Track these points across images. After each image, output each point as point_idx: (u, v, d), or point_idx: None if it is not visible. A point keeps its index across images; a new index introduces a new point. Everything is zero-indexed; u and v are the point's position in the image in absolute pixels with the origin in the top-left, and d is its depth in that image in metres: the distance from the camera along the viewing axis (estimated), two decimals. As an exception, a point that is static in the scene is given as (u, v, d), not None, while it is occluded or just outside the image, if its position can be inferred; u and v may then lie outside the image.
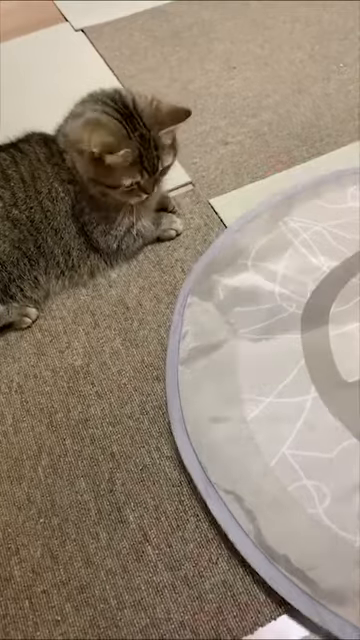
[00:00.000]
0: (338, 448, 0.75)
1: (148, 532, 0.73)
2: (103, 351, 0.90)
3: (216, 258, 0.97)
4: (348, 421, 0.77)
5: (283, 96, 1.27)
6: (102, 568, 0.71)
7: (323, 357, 0.83)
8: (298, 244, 0.96)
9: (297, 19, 1.46)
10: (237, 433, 0.78)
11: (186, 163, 1.15)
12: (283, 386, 0.81)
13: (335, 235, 0.98)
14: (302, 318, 0.88)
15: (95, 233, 0.94)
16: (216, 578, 0.69)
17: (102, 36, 1.48)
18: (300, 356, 0.84)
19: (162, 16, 1.53)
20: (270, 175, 1.11)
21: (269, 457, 0.75)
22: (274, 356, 0.85)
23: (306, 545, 0.68)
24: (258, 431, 0.77)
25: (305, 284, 0.92)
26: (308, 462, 0.74)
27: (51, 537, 0.74)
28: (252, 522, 0.70)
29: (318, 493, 0.71)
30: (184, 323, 0.90)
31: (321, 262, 0.94)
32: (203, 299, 0.92)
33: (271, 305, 0.90)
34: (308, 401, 0.79)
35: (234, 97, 1.28)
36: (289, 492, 0.72)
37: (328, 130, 1.18)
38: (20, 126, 0.96)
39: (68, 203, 0.91)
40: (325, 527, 0.69)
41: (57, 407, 0.85)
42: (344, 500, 0.70)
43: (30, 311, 0.94)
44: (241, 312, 0.90)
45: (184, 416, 0.80)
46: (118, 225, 0.94)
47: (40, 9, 1.63)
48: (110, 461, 0.79)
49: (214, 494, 0.73)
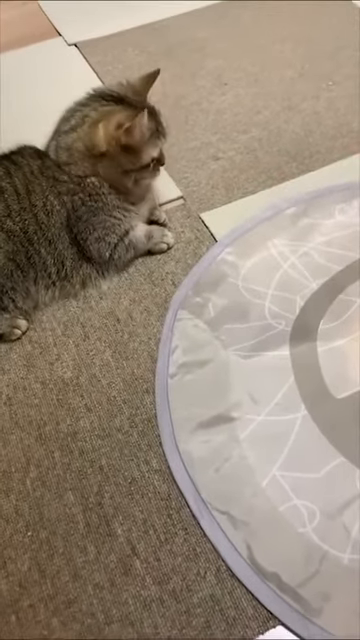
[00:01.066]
0: (327, 467, 0.75)
1: (136, 545, 0.73)
2: (93, 363, 0.91)
3: (206, 275, 0.98)
4: (337, 440, 0.78)
5: (273, 113, 1.29)
6: (90, 582, 0.70)
7: (312, 374, 0.84)
8: (287, 267, 0.97)
9: (287, 38, 1.49)
10: (230, 452, 0.78)
11: (177, 178, 1.16)
12: (274, 404, 0.82)
13: (323, 253, 0.99)
14: (291, 335, 0.89)
15: (89, 240, 0.94)
16: (204, 592, 0.68)
17: (95, 51, 1.50)
18: (290, 373, 0.84)
19: (155, 32, 1.55)
20: (260, 190, 1.13)
21: (261, 477, 0.75)
22: (264, 373, 0.85)
23: (297, 563, 0.68)
24: (250, 450, 0.78)
25: (294, 301, 0.93)
26: (298, 483, 0.74)
27: (39, 550, 0.73)
28: (244, 541, 0.70)
29: (308, 512, 0.72)
30: (174, 337, 0.90)
31: (310, 281, 0.95)
32: (193, 314, 0.93)
33: (261, 323, 0.91)
34: (298, 419, 0.80)
35: (225, 113, 1.30)
36: (280, 512, 0.72)
37: (317, 147, 1.20)
38: (12, 139, 0.97)
39: (63, 215, 0.92)
40: (315, 546, 0.69)
41: (46, 419, 0.85)
42: (333, 519, 0.71)
43: (20, 322, 0.94)
44: (231, 329, 0.91)
45: (174, 433, 0.80)
46: (113, 232, 0.95)
47: (33, 23, 1.64)
48: (99, 474, 0.79)
49: (207, 514, 0.73)
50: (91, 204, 0.92)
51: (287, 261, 0.98)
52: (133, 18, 1.59)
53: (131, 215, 0.97)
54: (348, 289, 0.93)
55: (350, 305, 0.91)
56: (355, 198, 1.07)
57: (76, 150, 0.90)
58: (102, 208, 0.93)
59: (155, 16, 1.60)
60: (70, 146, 0.91)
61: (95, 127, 0.89)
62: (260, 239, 1.02)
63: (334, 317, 0.90)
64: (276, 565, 0.68)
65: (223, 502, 0.74)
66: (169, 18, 1.59)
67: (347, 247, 0.99)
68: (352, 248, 0.99)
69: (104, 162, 0.90)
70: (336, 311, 0.90)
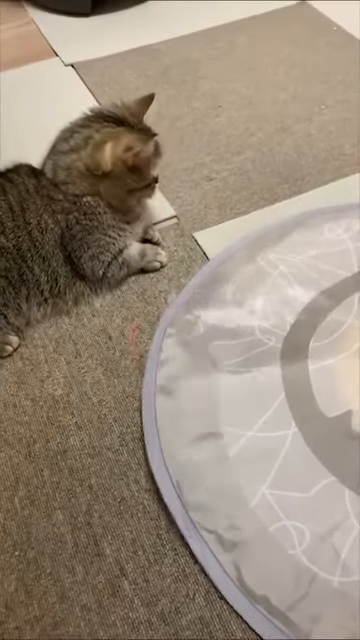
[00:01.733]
0: (317, 487, 0.75)
1: (125, 566, 0.72)
2: (84, 381, 0.90)
3: (197, 292, 0.99)
4: (327, 459, 0.77)
5: (267, 135, 1.31)
6: (77, 603, 0.69)
7: (303, 392, 0.84)
8: (276, 276, 0.98)
9: (281, 61, 1.52)
10: (218, 470, 0.77)
11: (171, 197, 1.17)
12: (263, 421, 0.81)
13: (312, 266, 1.00)
14: (282, 352, 0.89)
15: (83, 258, 0.95)
16: (193, 614, 0.68)
17: (92, 72, 1.52)
18: (280, 390, 0.85)
19: (152, 54, 1.58)
20: (252, 211, 1.14)
21: (250, 497, 0.75)
22: (254, 389, 0.85)
23: (286, 586, 0.67)
24: (239, 469, 0.77)
25: (284, 318, 0.93)
26: (287, 502, 0.74)
27: (26, 571, 0.72)
28: (233, 563, 0.70)
29: (298, 533, 0.71)
30: (162, 354, 0.90)
31: (299, 294, 0.96)
32: (183, 331, 0.93)
33: (251, 338, 0.91)
34: (289, 436, 0.80)
35: (219, 135, 1.32)
36: (270, 533, 0.72)
37: (309, 169, 1.22)
38: (8, 157, 0.98)
39: (57, 233, 0.93)
40: (305, 568, 0.69)
41: (36, 437, 0.85)
42: (323, 540, 0.71)
43: (12, 339, 0.94)
44: (221, 345, 0.91)
45: (163, 450, 0.80)
46: (107, 250, 0.96)
47: (31, 43, 1.67)
48: (88, 493, 0.78)
49: (196, 534, 0.72)
50: (86, 223, 0.93)
51: (276, 269, 0.99)
52: (129, 40, 1.62)
53: (126, 234, 0.98)
54: (338, 307, 0.93)
55: (340, 324, 0.91)
56: (343, 219, 1.08)
57: (76, 169, 0.91)
58: (97, 227, 0.94)
59: (151, 39, 1.62)
60: (69, 166, 0.91)
61: (100, 148, 0.89)
62: (250, 257, 1.03)
63: (324, 335, 0.90)
64: (265, 588, 0.68)
65: (212, 522, 0.73)
66: (165, 41, 1.62)
67: (336, 264, 1.00)
68: (341, 266, 1.00)
69: (106, 182, 0.91)
70: (326, 329, 0.91)
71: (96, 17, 1.72)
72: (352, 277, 0.98)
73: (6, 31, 1.74)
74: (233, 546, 0.71)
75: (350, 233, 1.05)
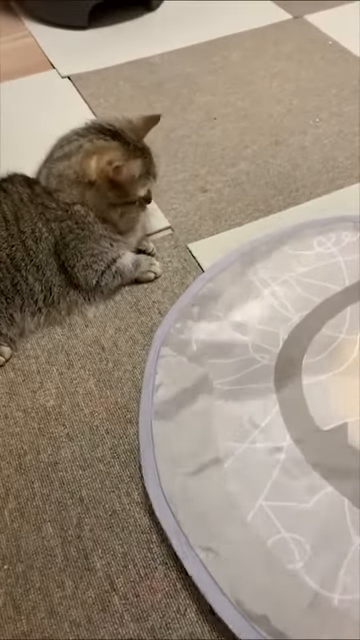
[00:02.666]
0: (315, 497, 0.74)
1: (115, 581, 0.71)
2: (76, 392, 0.90)
3: (188, 308, 0.98)
4: (324, 469, 0.77)
5: (261, 147, 1.31)
6: (66, 619, 0.68)
7: (297, 406, 0.83)
8: (268, 294, 0.98)
9: (276, 75, 1.53)
10: (213, 485, 0.76)
11: (166, 208, 1.17)
12: (257, 433, 0.81)
13: (303, 284, 0.99)
14: (275, 368, 0.88)
15: (77, 267, 0.94)
16: (184, 630, 0.67)
17: (88, 84, 1.53)
18: (274, 402, 0.84)
19: (147, 67, 1.59)
20: (247, 222, 1.14)
21: (246, 511, 0.73)
22: (248, 404, 0.84)
23: (286, 604, 0.66)
24: (234, 481, 0.76)
25: (277, 334, 0.93)
26: (285, 513, 0.72)
27: (14, 585, 0.71)
28: (230, 582, 0.67)
29: (297, 547, 0.70)
30: (157, 375, 0.89)
31: (291, 313, 0.95)
32: (176, 351, 0.92)
33: (245, 357, 0.90)
34: (284, 448, 0.79)
35: (214, 147, 1.32)
36: (268, 547, 0.70)
37: (304, 181, 1.22)
38: (4, 167, 0.98)
39: (51, 242, 0.92)
40: (304, 584, 0.67)
41: (27, 449, 0.84)
42: (322, 555, 0.69)
43: (4, 350, 0.94)
44: (215, 364, 0.90)
45: (158, 470, 0.78)
46: (101, 260, 0.96)
47: (27, 55, 1.68)
48: (79, 506, 0.77)
49: (190, 552, 0.70)
50: (78, 232, 0.92)
51: (268, 287, 0.99)
52: (125, 53, 1.63)
53: (119, 244, 0.97)
54: (329, 323, 0.93)
55: (333, 340, 0.91)
56: (334, 231, 1.08)
57: (66, 177, 0.91)
58: (89, 236, 0.93)
59: (147, 52, 1.63)
60: (61, 173, 0.92)
61: (89, 158, 0.90)
62: (241, 272, 1.02)
63: (317, 351, 0.90)
64: (264, 606, 0.65)
65: (207, 539, 0.71)
66: (161, 54, 1.63)
67: (326, 279, 1.00)
68: (331, 280, 0.99)
69: (92, 191, 0.91)
70: (319, 345, 0.90)
71: (93, 30, 1.74)
72: (343, 292, 0.98)
73: (3, 43, 1.75)
74: (229, 562, 0.69)
75: (340, 246, 1.05)
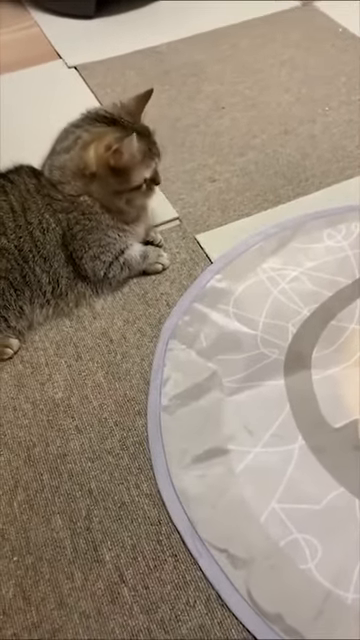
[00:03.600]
0: (327, 498, 0.74)
1: (124, 572, 0.71)
2: (85, 384, 0.89)
3: (196, 303, 0.97)
4: (336, 470, 0.76)
5: (270, 136, 1.30)
6: (76, 610, 0.68)
7: (308, 403, 0.83)
8: (277, 293, 0.97)
9: (284, 63, 1.51)
10: (226, 487, 0.76)
11: (173, 199, 1.16)
12: (270, 435, 0.80)
13: (313, 278, 0.98)
14: (285, 363, 0.87)
15: (85, 259, 0.94)
16: (193, 622, 0.66)
17: (94, 73, 1.52)
18: (285, 402, 0.83)
19: (154, 56, 1.57)
20: (256, 213, 1.13)
21: (259, 512, 0.73)
22: (259, 404, 0.84)
23: (300, 603, 0.66)
24: (247, 485, 0.76)
25: (286, 329, 0.92)
26: (298, 514, 0.72)
27: (24, 577, 0.71)
28: (245, 582, 0.68)
29: (310, 547, 0.70)
30: (166, 368, 0.89)
31: (300, 307, 0.94)
32: (185, 345, 0.92)
33: (254, 352, 0.90)
34: (295, 450, 0.78)
35: (222, 136, 1.31)
36: (281, 548, 0.70)
37: (313, 170, 1.21)
38: (11, 158, 0.97)
39: (59, 233, 0.92)
40: (317, 583, 0.67)
41: (35, 441, 0.84)
42: (335, 555, 0.69)
43: (12, 342, 0.94)
44: (224, 360, 0.89)
45: (169, 468, 0.78)
46: (108, 251, 0.95)
47: (34, 46, 1.66)
48: (88, 498, 0.77)
49: (206, 553, 0.71)
50: (85, 222, 0.92)
51: (277, 287, 0.98)
52: (132, 42, 1.61)
53: (126, 235, 0.97)
54: (339, 315, 0.92)
55: (343, 332, 0.90)
56: (343, 223, 1.07)
57: (69, 170, 0.91)
58: (96, 227, 0.93)
59: (154, 41, 1.62)
60: (63, 165, 0.91)
61: (87, 148, 0.89)
62: (250, 265, 1.02)
63: (327, 344, 0.89)
64: (279, 605, 0.66)
65: (221, 540, 0.71)
66: (167, 43, 1.61)
67: (336, 272, 0.99)
68: (341, 274, 0.98)
69: (95, 182, 0.90)
70: (329, 338, 0.90)
71: (99, 20, 1.72)
72: (353, 284, 0.97)
73: (10, 34, 1.74)
74: (244, 564, 0.69)
75: (350, 239, 1.04)
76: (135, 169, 0.90)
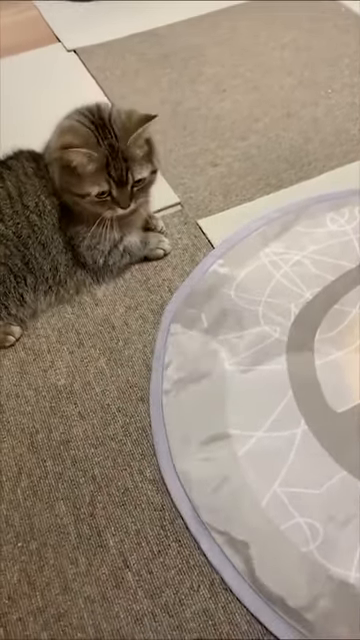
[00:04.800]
0: (329, 482, 0.74)
1: (128, 558, 0.71)
2: (87, 371, 0.89)
3: (199, 287, 0.97)
4: (338, 454, 0.76)
5: (272, 120, 1.28)
6: (80, 595, 0.69)
7: (311, 388, 0.82)
8: (280, 277, 0.96)
9: (286, 45, 1.49)
10: (228, 471, 0.76)
11: (175, 184, 1.15)
12: (272, 420, 0.80)
13: (316, 262, 0.98)
14: (287, 345, 0.87)
15: (81, 247, 0.93)
16: (197, 606, 0.67)
17: (94, 57, 1.50)
18: (287, 387, 0.83)
19: (154, 39, 1.55)
20: (258, 197, 1.12)
21: (260, 496, 0.73)
22: (261, 388, 0.84)
23: (301, 585, 0.66)
24: (249, 468, 0.76)
25: (288, 308, 0.92)
26: (300, 498, 0.73)
27: (29, 562, 0.72)
28: (247, 564, 0.68)
29: (311, 530, 0.70)
30: (167, 352, 0.89)
31: (303, 290, 0.94)
32: (187, 327, 0.91)
33: (255, 330, 0.89)
34: (298, 434, 0.78)
35: (224, 120, 1.29)
36: (282, 531, 0.70)
37: (316, 154, 1.19)
38: (11, 143, 0.96)
39: (55, 216, 0.91)
40: (319, 565, 0.67)
41: (39, 427, 0.84)
42: (337, 536, 0.69)
43: (14, 329, 0.93)
44: (226, 339, 0.89)
45: (171, 452, 0.78)
46: (104, 240, 0.94)
47: (33, 29, 1.65)
48: (91, 484, 0.77)
49: (207, 535, 0.71)
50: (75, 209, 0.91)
51: (280, 270, 0.97)
52: (131, 25, 1.60)
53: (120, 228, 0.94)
54: (342, 299, 0.92)
55: (345, 315, 0.90)
56: (346, 206, 1.06)
57: (49, 152, 0.90)
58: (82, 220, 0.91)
59: (153, 23, 1.60)
60: (48, 146, 0.91)
61: (59, 133, 0.87)
62: (252, 249, 1.01)
63: (330, 327, 0.89)
64: (280, 587, 0.66)
65: (223, 523, 0.72)
66: (167, 25, 1.59)
67: (339, 256, 0.98)
68: (344, 257, 0.98)
69: (53, 167, 0.88)
70: (332, 322, 0.89)
71: (98, 2, 1.70)
72: (356, 268, 0.96)
73: (8, 17, 1.72)
74: (245, 546, 0.69)
75: (353, 223, 1.03)
76: (82, 179, 0.86)
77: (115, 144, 0.85)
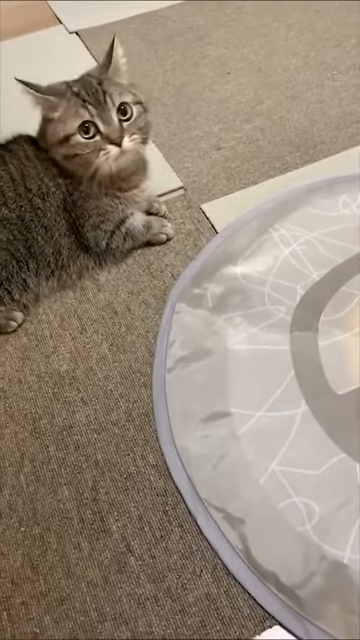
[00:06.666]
0: (327, 464, 0.73)
1: (131, 542, 0.71)
2: (90, 356, 0.89)
3: (205, 265, 0.96)
4: (338, 436, 0.76)
5: (277, 102, 1.26)
6: (83, 579, 0.69)
7: (313, 369, 0.82)
8: (288, 254, 0.95)
9: (291, 26, 1.46)
10: (228, 448, 0.76)
11: (178, 167, 1.14)
12: (273, 400, 0.80)
13: (325, 243, 0.97)
14: (292, 325, 0.87)
15: (86, 227, 0.92)
16: (200, 591, 0.67)
17: (96, 39, 1.47)
18: (290, 367, 0.82)
19: (156, 20, 1.53)
20: (262, 181, 1.10)
21: (258, 474, 0.73)
22: (264, 367, 0.83)
23: (295, 563, 0.66)
24: (248, 447, 0.76)
25: (294, 289, 0.91)
26: (297, 478, 0.72)
27: (32, 547, 0.72)
28: (242, 540, 0.69)
29: (307, 510, 0.70)
30: (172, 330, 0.88)
31: (310, 271, 0.93)
32: (192, 306, 0.91)
33: (260, 309, 0.89)
34: (298, 415, 0.78)
35: (228, 102, 1.27)
36: (279, 510, 0.70)
37: (322, 137, 1.18)
38: (12, 126, 0.95)
39: (59, 197, 0.90)
40: (314, 544, 0.67)
41: (41, 413, 0.83)
42: (333, 517, 0.69)
43: (16, 315, 0.93)
44: (230, 318, 0.89)
45: (172, 429, 0.79)
46: (108, 219, 0.93)
47: (34, 11, 1.62)
48: (94, 469, 0.77)
49: (204, 511, 0.72)
50: (80, 189, 0.90)
51: (289, 247, 0.96)
52: (134, 6, 1.57)
53: (123, 203, 0.94)
54: (350, 282, 0.91)
55: (352, 298, 0.89)
56: (358, 191, 1.04)
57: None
58: (89, 194, 0.90)
59: (156, 5, 1.57)
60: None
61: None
62: (261, 228, 1.00)
63: (336, 309, 0.88)
64: (274, 564, 0.67)
65: (220, 499, 0.72)
66: (171, 7, 1.57)
67: (349, 240, 0.97)
68: (354, 241, 0.97)
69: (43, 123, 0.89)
70: (338, 303, 0.88)
71: (100, -18, 1.67)
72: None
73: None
74: (241, 523, 0.70)
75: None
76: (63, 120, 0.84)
77: (90, 80, 0.85)
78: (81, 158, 0.85)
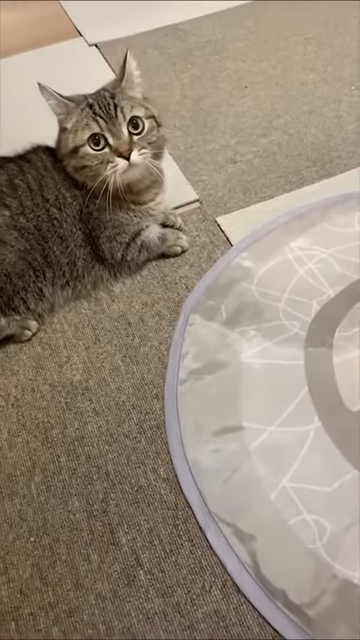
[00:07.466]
0: (340, 481, 0.73)
1: (141, 556, 0.71)
2: (103, 367, 0.89)
3: (220, 279, 0.96)
4: (350, 453, 0.75)
5: (294, 116, 1.27)
6: (92, 592, 0.69)
7: (327, 385, 0.81)
8: (304, 273, 0.95)
9: (309, 41, 1.47)
10: (238, 463, 0.76)
11: (194, 180, 1.15)
12: (286, 415, 0.79)
13: (341, 261, 0.96)
14: (306, 341, 0.86)
15: (102, 239, 0.93)
16: (209, 607, 0.66)
17: (115, 51, 1.49)
18: (303, 383, 0.82)
19: (175, 34, 1.54)
20: (278, 195, 1.11)
21: (270, 490, 0.73)
22: (277, 382, 0.83)
23: (305, 581, 0.66)
24: (259, 462, 0.75)
25: (309, 305, 0.91)
26: (309, 495, 0.72)
27: (41, 557, 0.72)
28: (251, 556, 0.68)
29: (318, 528, 0.69)
30: (185, 343, 0.89)
31: (326, 288, 0.93)
32: (205, 318, 0.91)
33: (274, 324, 0.89)
34: (311, 431, 0.77)
35: (245, 116, 1.28)
36: (289, 526, 0.70)
37: (338, 152, 1.18)
38: (32, 137, 0.96)
39: (75, 208, 0.91)
40: (324, 563, 0.67)
41: (53, 423, 0.84)
42: (344, 535, 0.68)
43: (31, 324, 0.93)
44: (244, 332, 0.88)
45: (183, 441, 0.79)
46: (123, 232, 0.94)
47: (55, 23, 1.65)
48: (105, 481, 0.77)
49: (214, 525, 0.71)
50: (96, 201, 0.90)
51: (304, 267, 0.96)
52: (153, 20, 1.59)
53: (139, 216, 0.95)
54: (366, 298, 0.90)
55: (367, 314, 0.88)
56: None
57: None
58: (105, 206, 0.90)
59: (175, 18, 1.59)
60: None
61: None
62: (277, 244, 1.00)
63: (351, 325, 0.87)
64: (283, 582, 0.66)
65: (230, 514, 0.72)
66: (189, 20, 1.58)
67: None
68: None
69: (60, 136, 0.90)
70: (353, 320, 0.88)
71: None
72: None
73: (31, 12, 1.72)
74: (251, 539, 0.69)
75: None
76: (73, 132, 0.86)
77: (104, 94, 0.87)
78: (90, 170, 0.86)
